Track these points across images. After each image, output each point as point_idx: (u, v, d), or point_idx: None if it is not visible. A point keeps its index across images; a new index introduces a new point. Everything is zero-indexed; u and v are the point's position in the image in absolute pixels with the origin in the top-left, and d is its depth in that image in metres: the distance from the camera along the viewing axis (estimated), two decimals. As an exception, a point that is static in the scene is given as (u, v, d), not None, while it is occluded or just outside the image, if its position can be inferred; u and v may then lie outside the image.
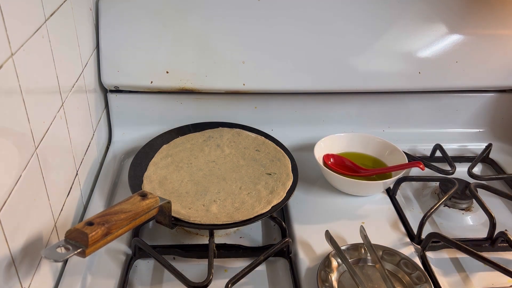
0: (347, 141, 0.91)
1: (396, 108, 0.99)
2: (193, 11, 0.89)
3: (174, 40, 0.89)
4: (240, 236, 0.76)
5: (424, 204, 0.85)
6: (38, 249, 0.57)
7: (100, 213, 0.56)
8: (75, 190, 0.73)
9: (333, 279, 0.65)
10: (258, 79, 0.91)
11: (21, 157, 0.53)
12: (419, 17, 0.92)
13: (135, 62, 0.89)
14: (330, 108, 0.98)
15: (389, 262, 0.68)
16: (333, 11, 0.91)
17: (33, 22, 0.57)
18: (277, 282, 0.68)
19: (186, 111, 0.95)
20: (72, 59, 0.74)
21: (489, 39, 0.94)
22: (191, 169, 0.81)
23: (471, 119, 1.02)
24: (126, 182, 0.79)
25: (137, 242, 0.69)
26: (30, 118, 0.55)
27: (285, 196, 0.75)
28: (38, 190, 0.58)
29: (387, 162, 0.87)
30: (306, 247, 0.71)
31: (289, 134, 0.94)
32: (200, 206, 0.72)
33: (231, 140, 0.89)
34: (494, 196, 0.84)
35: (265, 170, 0.81)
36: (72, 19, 0.73)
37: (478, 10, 0.93)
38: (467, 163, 0.91)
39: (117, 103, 0.94)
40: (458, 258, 0.72)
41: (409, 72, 0.93)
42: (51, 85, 0.64)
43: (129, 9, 0.88)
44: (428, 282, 0.64)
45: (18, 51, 0.52)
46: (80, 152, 0.77)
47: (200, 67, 0.90)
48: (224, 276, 0.67)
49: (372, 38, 0.91)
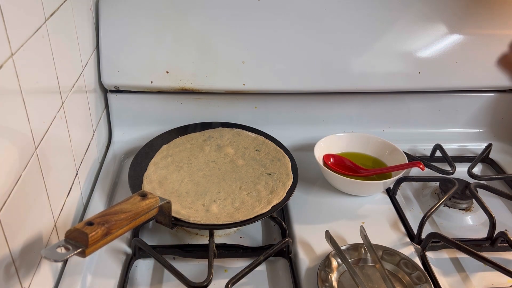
0: (347, 141, 0.91)
1: (396, 108, 1.00)
2: (193, 11, 0.89)
3: (174, 40, 0.89)
4: (240, 236, 0.76)
5: (424, 204, 0.85)
6: (38, 249, 0.57)
7: (100, 213, 0.56)
8: (75, 190, 0.73)
9: (333, 279, 0.65)
10: (258, 79, 0.91)
11: (21, 157, 0.53)
12: (419, 17, 0.92)
13: (135, 62, 0.89)
14: (330, 108, 0.98)
15: (389, 262, 0.68)
16: (333, 11, 0.91)
17: (33, 22, 0.57)
18: (277, 282, 0.68)
19: (186, 111, 0.95)
20: (72, 59, 0.74)
21: (489, 39, 0.94)
22: (191, 169, 0.81)
23: (471, 119, 1.02)
24: (126, 182, 0.79)
25: (137, 242, 0.69)
26: (30, 118, 0.55)
27: (285, 196, 0.75)
28: (38, 190, 0.58)
29: (387, 162, 0.87)
30: (306, 247, 0.71)
31: (289, 134, 0.94)
32: (200, 206, 0.72)
33: (231, 140, 0.89)
34: (494, 196, 0.84)
35: (265, 170, 0.81)
36: (72, 19, 0.73)
37: (478, 10, 0.93)
38: (467, 163, 0.91)
39: (117, 103, 0.94)
40: (458, 258, 0.72)
41: (409, 72, 0.93)
42: (51, 85, 0.64)
43: (129, 9, 0.88)
44: (428, 282, 0.64)
45: (18, 51, 0.52)
46: (80, 152, 0.77)
47: (200, 67, 0.90)
48: (224, 276, 0.67)
49: (372, 38, 0.91)
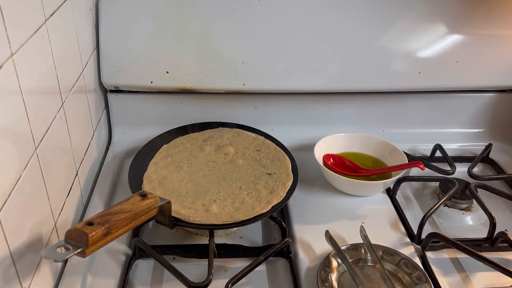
0: (347, 141, 0.91)
1: (396, 108, 0.99)
2: (193, 11, 0.89)
3: (174, 40, 0.89)
4: (240, 236, 0.76)
5: (424, 204, 0.84)
6: (38, 249, 0.57)
7: (100, 213, 0.56)
8: (75, 190, 0.73)
9: (333, 279, 0.65)
10: (258, 79, 0.91)
11: (21, 157, 0.53)
12: (419, 17, 0.92)
13: (135, 62, 0.89)
14: (330, 108, 0.98)
15: (389, 262, 0.68)
16: (333, 12, 0.91)
17: (33, 22, 0.57)
18: (277, 282, 0.68)
19: (186, 111, 0.95)
20: (72, 59, 0.74)
21: (489, 39, 0.93)
22: (191, 169, 0.81)
23: (471, 119, 1.02)
24: (126, 182, 0.79)
25: (137, 242, 0.69)
26: (30, 118, 0.55)
27: (285, 196, 0.75)
28: (38, 190, 0.58)
29: (387, 162, 0.87)
30: (306, 247, 0.71)
31: (289, 134, 0.94)
32: (200, 206, 0.72)
33: (231, 140, 0.89)
34: (494, 196, 0.84)
35: (265, 170, 0.81)
36: (72, 19, 0.73)
37: (478, 10, 0.93)
38: (467, 163, 0.91)
39: (117, 103, 0.94)
40: (458, 258, 0.72)
41: (409, 72, 0.93)
42: (51, 85, 0.64)
43: (129, 9, 0.88)
44: (428, 282, 0.64)
45: (18, 51, 0.52)
46: (80, 152, 0.77)
47: (200, 67, 0.90)
48: (224, 276, 0.67)
49: (372, 38, 0.91)
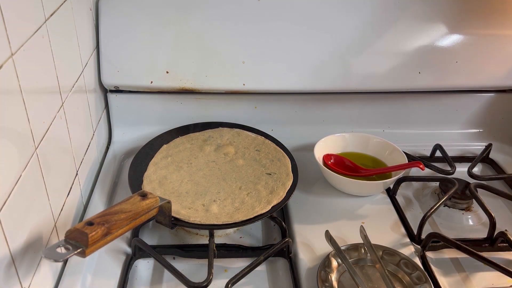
0: (347, 141, 0.91)
1: (396, 108, 0.99)
2: (193, 11, 0.89)
3: (174, 40, 0.89)
4: (240, 236, 0.77)
5: (424, 204, 0.84)
6: (38, 249, 0.57)
7: (100, 213, 0.56)
8: (75, 190, 0.73)
9: (333, 279, 0.65)
10: (258, 79, 0.91)
11: (21, 157, 0.53)
12: (419, 17, 0.92)
13: (135, 62, 0.89)
14: (330, 108, 0.98)
15: (389, 262, 0.68)
16: (333, 12, 0.91)
17: (33, 22, 0.57)
18: (277, 282, 0.68)
19: (186, 111, 0.95)
20: (72, 59, 0.74)
21: (489, 39, 0.93)
22: (191, 169, 0.81)
23: (470, 119, 1.02)
24: (126, 182, 0.79)
25: (137, 242, 0.69)
26: (30, 118, 0.55)
27: (285, 196, 0.75)
28: (38, 190, 0.58)
29: (387, 162, 0.87)
30: (306, 247, 0.71)
31: (289, 134, 0.94)
32: (200, 206, 0.72)
33: (231, 140, 0.89)
34: (494, 196, 0.84)
35: (265, 170, 0.81)
36: (72, 19, 0.73)
37: (478, 10, 0.93)
38: (467, 163, 0.91)
39: (117, 103, 0.94)
40: (458, 258, 0.72)
41: (409, 72, 0.93)
42: (51, 85, 0.64)
43: (129, 9, 0.88)
44: (428, 282, 0.64)
45: (18, 51, 0.52)
46: (80, 152, 0.77)
47: (200, 67, 0.90)
48: (224, 276, 0.67)
49: (372, 38, 0.91)
